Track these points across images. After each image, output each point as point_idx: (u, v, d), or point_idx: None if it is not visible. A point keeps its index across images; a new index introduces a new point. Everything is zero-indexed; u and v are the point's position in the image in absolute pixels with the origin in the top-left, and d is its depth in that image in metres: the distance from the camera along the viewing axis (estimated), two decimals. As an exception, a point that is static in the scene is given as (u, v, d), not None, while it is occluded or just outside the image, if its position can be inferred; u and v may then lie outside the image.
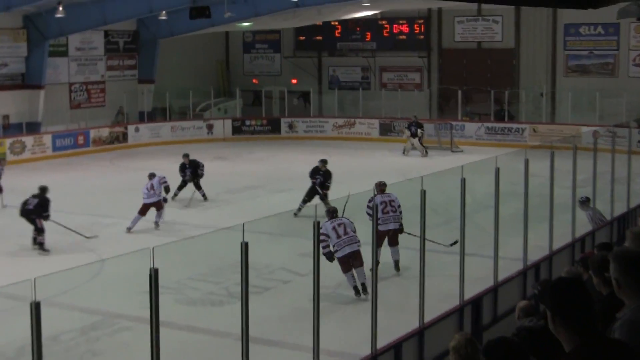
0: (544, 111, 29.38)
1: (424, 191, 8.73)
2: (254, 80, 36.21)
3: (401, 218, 12.66)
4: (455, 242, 10.72)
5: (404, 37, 33.37)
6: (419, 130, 26.71)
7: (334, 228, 11.52)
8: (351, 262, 11.52)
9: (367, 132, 31.05)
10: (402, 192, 12.94)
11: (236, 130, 31.62)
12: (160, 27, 30.83)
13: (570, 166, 12.50)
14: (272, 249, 13.56)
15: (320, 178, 17.67)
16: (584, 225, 13.19)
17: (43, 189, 15.21)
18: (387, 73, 34.22)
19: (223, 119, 31.93)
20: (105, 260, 12.82)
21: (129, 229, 16.12)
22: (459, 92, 30.37)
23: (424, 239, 8.98)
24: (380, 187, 13.01)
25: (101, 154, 27.60)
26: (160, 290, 5.97)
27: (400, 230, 12.66)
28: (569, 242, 12.34)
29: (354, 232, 11.58)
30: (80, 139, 28.09)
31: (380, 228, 11.83)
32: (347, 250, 11.47)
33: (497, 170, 10.15)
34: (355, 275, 11.59)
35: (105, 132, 29.02)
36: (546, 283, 6.19)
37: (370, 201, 11.74)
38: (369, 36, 33.97)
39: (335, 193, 16.88)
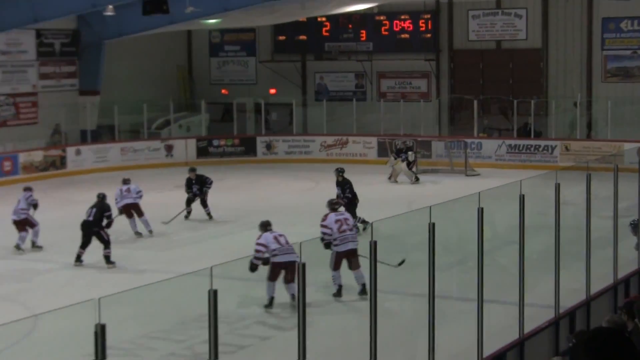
0: (578, 125, 29.55)
1: (433, 224, 8.77)
2: (223, 91, 36.28)
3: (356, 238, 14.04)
4: (403, 262, 10.86)
5: (407, 35, 33.60)
6: (410, 153, 26.74)
7: (274, 237, 13.47)
8: (284, 273, 13.23)
9: (363, 153, 31.14)
10: (406, 225, 12.98)
11: (202, 152, 31.65)
12: (107, 26, 30.90)
13: (611, 191, 12.58)
14: (247, 297, 13.53)
15: (338, 190, 18.84)
16: (628, 263, 13.25)
17: (101, 196, 17.52)
18: (386, 80, 34.41)
19: (185, 139, 31.96)
20: (39, 315, 12.75)
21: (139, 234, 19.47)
22: (475, 102, 30.54)
23: (434, 283, 9.00)
24: (333, 205, 14.63)
25: (34, 182, 27.45)
26: (109, 351, 5.97)
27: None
28: (611, 285, 12.38)
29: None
30: (7, 165, 28.03)
31: (338, 249, 13.62)
32: (292, 257, 12.97)
33: (522, 198, 10.21)
34: (286, 288, 13.25)
35: (38, 155, 28.97)
36: (582, 335, 6.23)
37: (324, 220, 13.95)
38: (364, 35, 34.18)
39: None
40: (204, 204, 21.41)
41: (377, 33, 33.98)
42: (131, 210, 19.58)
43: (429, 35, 33.31)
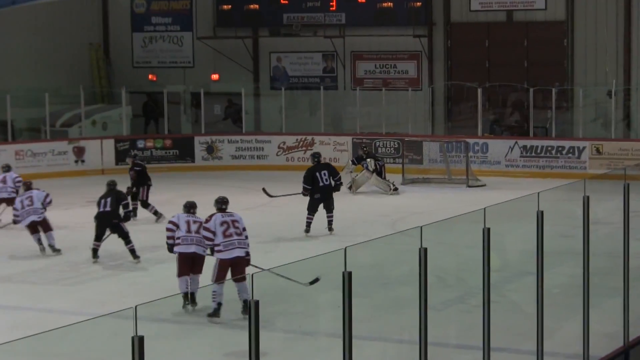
0: (613, 120, 29.76)
1: (425, 249, 8.83)
2: (150, 76, 36.21)
3: (248, 244, 14.82)
4: (316, 280, 10.98)
5: (390, 4, 33.67)
6: (369, 161, 26.69)
7: (187, 222, 15.11)
8: (189, 266, 14.79)
9: (334, 157, 31.15)
10: (390, 251, 13.03)
11: (122, 156, 31.49)
12: (-3, -8, 30.85)
13: (655, 206, 12.70)
14: (183, 346, 13.52)
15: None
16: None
17: (113, 184, 19.04)
18: (363, 63, 34.50)
19: (101, 139, 31.85)
20: None
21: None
22: (479, 91, 30.65)
23: (426, 326, 9.06)
24: (220, 204, 15.38)
25: None
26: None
27: (247, 260, 14.69)
28: (655, 328, 12.50)
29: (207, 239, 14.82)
30: None
31: (222, 256, 14.44)
32: (192, 249, 14.85)
33: (540, 215, 10.29)
34: (189, 282, 14.69)
35: None
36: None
37: (207, 222, 14.85)
38: (334, 4, 34.23)
39: (286, 256, 16.90)
40: (145, 204, 22.97)
41: (352, 2, 34.05)
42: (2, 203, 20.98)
43: (419, 4, 33.41)
